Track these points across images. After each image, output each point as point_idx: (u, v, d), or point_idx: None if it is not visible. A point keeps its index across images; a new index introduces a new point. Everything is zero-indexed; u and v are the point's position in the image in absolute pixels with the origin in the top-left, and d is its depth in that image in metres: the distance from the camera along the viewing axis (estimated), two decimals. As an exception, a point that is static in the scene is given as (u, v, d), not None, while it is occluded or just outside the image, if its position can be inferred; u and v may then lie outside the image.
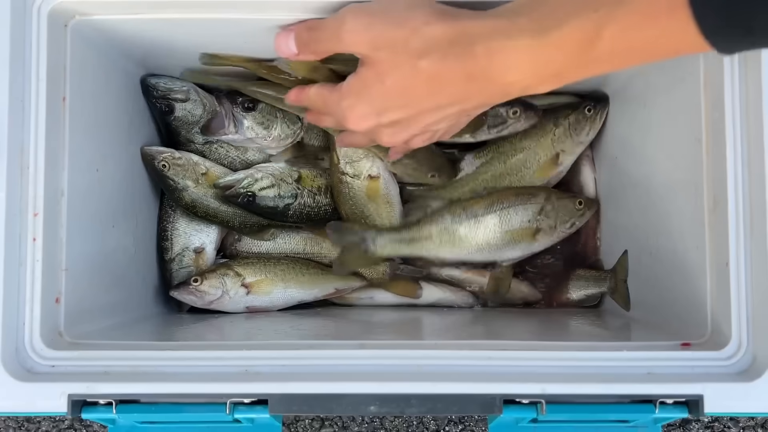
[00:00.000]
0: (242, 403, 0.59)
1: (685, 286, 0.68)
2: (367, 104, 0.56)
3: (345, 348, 0.61)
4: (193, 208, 0.87)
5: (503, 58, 0.49)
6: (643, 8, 0.44)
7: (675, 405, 0.59)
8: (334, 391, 0.58)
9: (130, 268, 0.81)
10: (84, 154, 0.69)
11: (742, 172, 0.61)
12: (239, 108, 0.83)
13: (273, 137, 0.85)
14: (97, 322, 0.71)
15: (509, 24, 0.48)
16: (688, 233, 0.68)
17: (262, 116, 0.84)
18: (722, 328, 0.62)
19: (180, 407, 0.59)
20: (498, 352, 0.60)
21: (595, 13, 0.45)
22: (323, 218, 0.89)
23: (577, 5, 0.46)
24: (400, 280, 0.90)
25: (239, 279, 0.84)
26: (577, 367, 0.60)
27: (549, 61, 0.48)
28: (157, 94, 0.85)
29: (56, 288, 0.64)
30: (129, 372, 0.60)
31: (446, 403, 0.58)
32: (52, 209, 0.63)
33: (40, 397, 0.58)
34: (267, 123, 0.84)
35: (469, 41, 0.49)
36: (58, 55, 0.64)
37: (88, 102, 0.70)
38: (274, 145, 0.86)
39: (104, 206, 0.75)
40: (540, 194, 0.85)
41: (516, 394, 0.58)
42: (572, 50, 0.47)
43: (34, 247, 0.61)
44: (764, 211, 0.59)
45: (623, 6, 0.44)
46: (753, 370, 0.59)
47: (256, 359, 0.60)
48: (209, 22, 0.66)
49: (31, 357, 0.60)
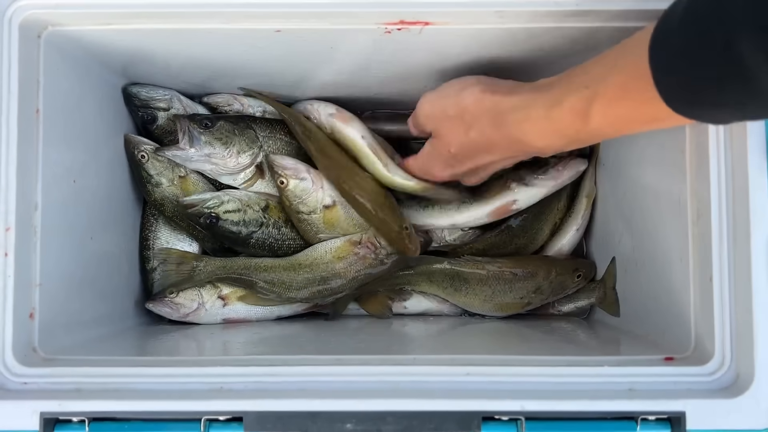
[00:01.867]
0: (217, 420, 0.58)
1: (670, 299, 0.67)
2: (443, 165, 0.75)
3: (321, 364, 0.60)
4: (161, 206, 0.85)
5: (525, 127, 0.61)
6: (620, 83, 0.51)
7: (657, 422, 0.58)
8: (310, 408, 0.57)
9: (110, 278, 0.81)
10: (60, 166, 0.68)
11: (726, 185, 0.60)
12: (196, 125, 0.81)
13: (231, 153, 0.82)
14: (76, 335, 0.70)
15: (532, 99, 0.60)
16: (673, 245, 0.67)
17: (221, 133, 0.82)
18: (705, 343, 0.61)
19: (154, 425, 0.58)
20: (476, 368, 0.59)
21: (586, 89, 0.54)
22: (286, 252, 0.85)
23: (577, 83, 0.55)
24: (372, 298, 0.88)
25: (216, 291, 0.83)
26: (558, 384, 0.59)
27: (556, 130, 0.59)
28: (138, 103, 0.84)
29: (30, 304, 0.63)
30: (102, 389, 0.59)
31: (423, 420, 0.57)
32: (25, 223, 0.62)
33: (11, 415, 0.57)
34: (226, 139, 0.82)
35: (503, 115, 0.63)
36: (31, 67, 0.63)
37: (64, 113, 0.69)
38: (232, 163, 0.83)
39: (82, 218, 0.74)
40: (540, 273, 0.84)
41: (495, 411, 0.57)
42: (572, 122, 0.56)
43: (5, 263, 0.60)
44: (747, 224, 0.58)
45: (605, 81, 0.52)
46: (736, 387, 0.58)
47: (231, 376, 0.59)
48: (184, 31, 0.66)
49: (2, 374, 0.59)
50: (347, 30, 0.65)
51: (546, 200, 0.87)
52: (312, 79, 0.81)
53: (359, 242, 0.82)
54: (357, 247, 0.82)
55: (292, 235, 0.86)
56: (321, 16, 0.62)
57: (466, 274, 0.84)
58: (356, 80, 0.81)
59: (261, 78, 0.82)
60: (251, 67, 0.77)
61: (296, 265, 0.83)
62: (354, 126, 0.83)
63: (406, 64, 0.75)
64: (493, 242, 0.89)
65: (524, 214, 0.88)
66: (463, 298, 0.85)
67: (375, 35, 0.66)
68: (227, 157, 0.82)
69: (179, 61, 0.77)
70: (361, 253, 0.82)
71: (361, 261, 0.82)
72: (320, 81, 0.82)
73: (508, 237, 0.88)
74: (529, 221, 0.88)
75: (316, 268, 0.82)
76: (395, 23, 0.64)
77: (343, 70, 0.78)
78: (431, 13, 0.62)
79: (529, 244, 0.89)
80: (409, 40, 0.67)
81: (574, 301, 0.88)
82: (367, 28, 0.64)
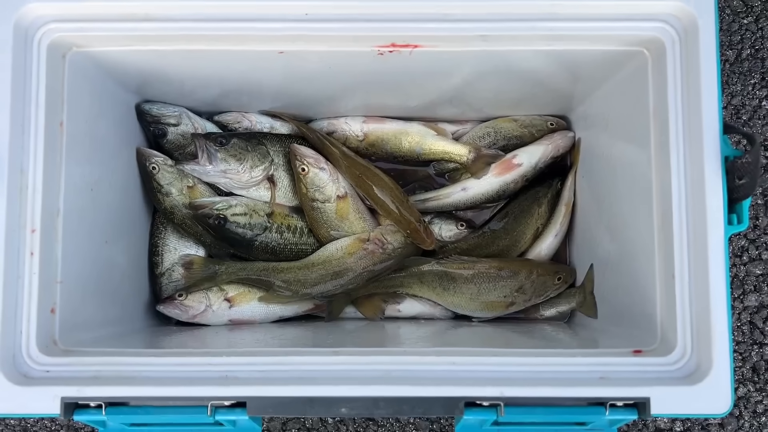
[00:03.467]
0: (222, 405, 0.63)
1: (639, 299, 0.73)
2: None
3: (319, 354, 0.65)
4: (171, 213, 0.91)
5: None
6: None
7: (625, 407, 0.63)
8: (308, 394, 0.62)
9: (122, 282, 0.86)
10: (80, 175, 0.74)
11: (685, 194, 0.66)
12: (213, 143, 0.88)
13: (245, 169, 0.88)
14: (91, 332, 0.75)
15: None
16: (641, 251, 0.73)
17: (235, 150, 0.88)
18: (669, 337, 0.66)
19: (165, 409, 0.64)
20: (460, 358, 0.64)
21: None
22: (287, 257, 0.92)
23: None
24: (368, 301, 0.94)
25: (222, 293, 0.89)
26: (534, 372, 0.64)
27: None
28: (150, 119, 0.90)
29: (52, 299, 0.69)
30: (118, 376, 0.64)
31: (412, 405, 0.62)
32: (49, 226, 0.68)
33: (35, 400, 0.62)
34: (240, 156, 0.88)
35: None
36: (56, 84, 0.70)
37: (84, 126, 0.75)
38: (246, 177, 0.89)
39: (98, 224, 0.79)
40: (522, 272, 0.90)
41: (477, 397, 0.62)
42: None
43: (31, 261, 0.66)
44: (704, 230, 0.64)
45: None
46: (696, 375, 0.64)
47: (235, 365, 0.65)
48: (195, 53, 0.72)
49: (27, 363, 0.65)
50: (344, 52, 0.71)
51: (526, 204, 0.95)
52: (315, 95, 0.89)
53: (367, 239, 0.89)
54: (365, 244, 0.89)
55: (294, 240, 0.92)
56: (321, 39, 0.69)
57: (453, 273, 0.90)
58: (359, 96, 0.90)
59: (267, 95, 0.89)
60: (257, 85, 0.84)
61: (310, 264, 0.89)
62: (391, 120, 0.96)
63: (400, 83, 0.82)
64: (476, 243, 0.95)
65: (506, 218, 0.95)
66: (452, 297, 0.90)
67: (369, 57, 0.72)
68: (241, 172, 0.89)
69: (190, 79, 0.83)
70: (369, 249, 0.89)
71: (369, 256, 0.89)
72: (325, 96, 0.89)
73: (490, 238, 0.95)
74: (510, 224, 0.95)
75: (329, 265, 0.89)
76: (387, 46, 0.70)
77: (347, 88, 0.85)
78: (420, 37, 0.69)
79: (512, 246, 0.95)
80: (400, 62, 0.74)
81: (556, 306, 0.94)
82: (362, 50, 0.71)
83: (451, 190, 0.96)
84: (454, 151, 0.95)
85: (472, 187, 0.95)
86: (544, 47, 0.70)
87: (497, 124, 0.97)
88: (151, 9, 0.68)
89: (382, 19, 0.67)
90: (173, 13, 0.68)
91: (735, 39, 1.11)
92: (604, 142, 0.84)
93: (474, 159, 0.95)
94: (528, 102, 0.93)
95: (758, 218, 1.08)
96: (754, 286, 1.07)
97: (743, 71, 1.10)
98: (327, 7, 0.66)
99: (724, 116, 1.09)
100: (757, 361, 1.06)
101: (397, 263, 0.91)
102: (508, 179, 0.95)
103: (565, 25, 0.67)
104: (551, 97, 0.90)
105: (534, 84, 0.84)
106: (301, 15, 0.67)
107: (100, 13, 0.68)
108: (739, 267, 1.08)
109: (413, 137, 0.95)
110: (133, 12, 0.68)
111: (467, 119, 0.99)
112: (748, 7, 1.11)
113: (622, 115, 0.78)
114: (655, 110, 0.70)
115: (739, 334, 1.06)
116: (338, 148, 0.92)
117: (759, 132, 1.09)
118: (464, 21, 0.67)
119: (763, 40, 1.11)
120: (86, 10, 0.68)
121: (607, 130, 0.83)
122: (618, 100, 0.79)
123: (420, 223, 0.90)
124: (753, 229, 1.08)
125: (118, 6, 0.68)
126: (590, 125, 0.90)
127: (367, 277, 0.90)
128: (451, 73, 0.79)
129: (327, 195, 0.90)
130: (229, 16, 0.68)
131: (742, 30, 1.11)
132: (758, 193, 1.08)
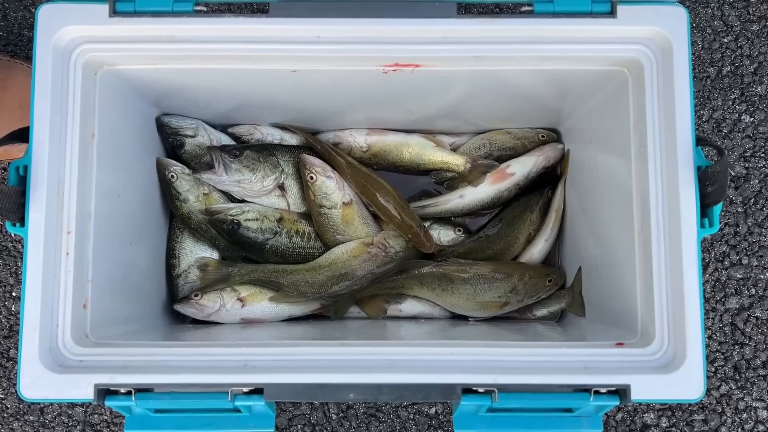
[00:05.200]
0: (241, 392, 0.69)
1: (622, 296, 0.79)
2: None
3: (328, 345, 0.72)
4: (188, 219, 0.98)
5: None
6: None
7: (608, 394, 0.69)
8: (319, 381, 0.69)
9: (143, 281, 0.92)
10: (107, 183, 0.81)
11: (662, 200, 0.73)
12: (227, 155, 0.94)
13: (258, 179, 0.95)
14: (116, 328, 0.81)
15: None
16: (624, 251, 0.79)
17: (248, 161, 0.95)
18: (648, 330, 0.73)
19: (188, 395, 0.70)
20: (458, 349, 0.71)
21: None
22: (295, 260, 0.98)
23: None
24: (371, 301, 1.00)
25: (235, 294, 0.95)
26: (525, 362, 0.70)
27: None
28: (169, 131, 0.97)
29: (84, 296, 0.75)
30: (145, 365, 0.70)
31: (413, 391, 0.68)
32: (82, 229, 0.75)
33: (71, 387, 0.69)
34: (253, 166, 0.95)
35: None
36: (89, 99, 0.76)
37: (111, 138, 0.82)
38: (258, 187, 0.96)
39: (123, 228, 0.86)
40: (515, 274, 0.96)
41: (473, 384, 0.69)
42: None
43: (67, 260, 0.72)
44: (679, 232, 0.70)
45: None
46: (672, 365, 0.70)
47: (253, 355, 0.71)
48: (213, 71, 0.79)
49: (62, 353, 0.71)
50: (352, 71, 0.78)
51: (519, 211, 1.02)
52: (324, 109, 0.96)
53: (371, 243, 0.96)
54: (369, 248, 0.96)
55: (302, 244, 0.98)
56: (331, 59, 0.76)
57: (451, 275, 0.96)
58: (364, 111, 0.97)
59: (278, 109, 0.96)
60: (269, 100, 0.91)
61: (317, 266, 0.96)
62: (393, 133, 1.03)
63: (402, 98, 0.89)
64: (472, 247, 1.01)
65: (500, 224, 1.02)
66: (450, 297, 0.97)
67: (374, 75, 0.79)
68: (254, 182, 0.96)
69: (207, 94, 0.90)
70: (373, 252, 0.95)
71: (373, 259, 0.96)
72: (332, 111, 0.96)
73: (486, 243, 1.01)
74: (504, 229, 1.02)
75: (335, 267, 0.95)
76: (391, 66, 0.77)
77: (353, 103, 0.92)
78: (421, 57, 0.76)
79: (505, 251, 1.02)
80: (403, 80, 0.81)
81: (547, 306, 1.00)
82: (369, 69, 0.78)
83: (449, 198, 1.02)
84: (452, 161, 1.02)
85: (469, 194, 1.02)
86: (533, 67, 0.77)
87: (492, 136, 1.04)
88: (176, 32, 0.75)
89: (388, 41, 0.74)
90: (196, 35, 0.75)
91: (716, 57, 1.18)
92: (590, 154, 0.91)
93: (470, 169, 1.02)
94: (520, 116, 1.00)
95: (738, 225, 1.15)
96: (735, 290, 1.13)
97: (724, 87, 1.17)
98: (338, 30, 0.73)
99: (707, 130, 1.16)
100: (738, 360, 1.12)
101: (399, 266, 0.97)
102: (502, 187, 1.02)
103: (553, 47, 0.74)
104: (541, 111, 0.97)
105: (525, 100, 0.91)
106: (314, 37, 0.74)
107: (129, 36, 0.75)
108: (721, 271, 1.14)
109: (414, 148, 1.02)
110: (159, 34, 0.75)
111: (464, 132, 1.06)
112: (728, 26, 1.18)
113: (606, 129, 0.85)
114: (635, 124, 0.76)
115: (722, 335, 1.13)
116: (344, 158, 0.98)
117: (739, 144, 1.16)
118: (460, 43, 0.74)
119: (743, 57, 1.18)
120: (117, 33, 0.74)
121: (593, 142, 0.90)
122: (602, 114, 0.86)
123: (420, 228, 0.97)
124: (734, 235, 1.15)
125: (146, 29, 0.74)
126: (577, 138, 0.98)
127: (371, 279, 0.96)
128: (449, 89, 0.86)
129: (333, 202, 0.96)
130: (247, 38, 0.75)
131: (722, 48, 1.18)
132: (738, 201, 1.15)
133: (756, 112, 1.16)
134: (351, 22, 0.73)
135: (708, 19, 1.18)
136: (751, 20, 1.18)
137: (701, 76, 1.17)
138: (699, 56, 1.17)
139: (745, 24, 1.18)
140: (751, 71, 1.17)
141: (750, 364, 1.12)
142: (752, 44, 1.17)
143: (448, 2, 0.73)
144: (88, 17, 0.73)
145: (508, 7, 1.15)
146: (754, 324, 1.12)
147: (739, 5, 1.18)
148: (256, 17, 0.73)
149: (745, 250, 1.14)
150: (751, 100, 1.16)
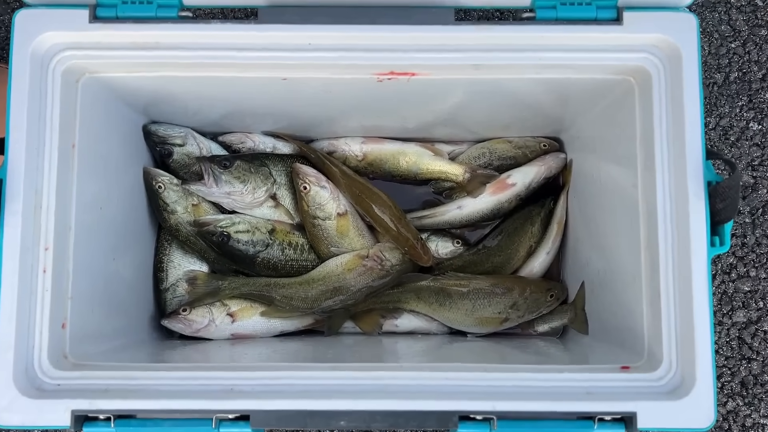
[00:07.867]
0: (227, 418, 0.66)
1: (627, 315, 0.76)
2: None
3: (319, 369, 0.68)
4: (176, 231, 0.94)
5: None
6: None
7: (613, 421, 0.66)
8: (309, 407, 0.65)
9: (129, 295, 0.89)
10: (89, 194, 0.77)
11: (671, 216, 0.69)
12: (217, 165, 0.91)
13: (249, 190, 0.92)
14: (99, 345, 0.78)
15: None
16: (629, 268, 0.76)
17: (239, 172, 0.92)
18: (655, 353, 0.69)
19: (171, 422, 0.66)
20: (454, 373, 0.67)
21: None
22: (288, 273, 0.94)
23: None
24: (366, 315, 0.96)
25: (225, 308, 0.92)
26: (525, 387, 0.67)
27: None
28: (157, 140, 0.94)
29: (63, 314, 0.71)
30: (126, 389, 0.67)
31: (407, 418, 0.65)
32: (61, 243, 0.71)
33: (47, 412, 0.65)
34: (244, 177, 0.92)
35: None
36: (70, 108, 0.73)
37: (94, 147, 0.78)
38: (249, 198, 0.93)
39: (107, 240, 0.82)
40: (516, 289, 0.93)
41: (470, 411, 0.65)
42: None
43: (44, 278, 0.69)
44: (688, 250, 0.67)
45: None
46: (681, 390, 0.67)
47: (239, 379, 0.67)
48: (202, 78, 0.76)
49: (39, 376, 0.68)
50: (346, 79, 0.75)
51: (520, 223, 0.98)
52: (316, 117, 0.92)
53: (366, 256, 0.92)
54: (365, 260, 0.92)
55: (295, 257, 0.95)
56: (323, 67, 0.72)
57: (449, 289, 0.92)
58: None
59: (270, 117, 0.93)
60: (260, 107, 0.87)
61: (310, 280, 0.92)
62: (389, 141, 0.99)
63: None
64: (471, 260, 0.98)
65: (500, 236, 0.98)
66: (447, 312, 0.93)
67: (369, 83, 0.76)
68: (245, 194, 0.92)
69: (196, 102, 0.87)
70: (368, 265, 0.92)
71: (368, 272, 0.92)
72: (326, 118, 0.93)
73: (485, 255, 0.98)
74: (504, 241, 0.98)
75: (329, 281, 0.92)
76: (386, 74, 0.74)
77: (347, 111, 0.89)
78: (417, 66, 0.72)
79: (505, 264, 0.98)
80: (398, 88, 0.77)
81: (549, 322, 0.97)
82: (363, 77, 0.74)
83: (447, 208, 0.99)
84: (450, 171, 0.99)
85: (468, 205, 0.98)
86: (534, 75, 0.74)
87: (492, 145, 1.01)
88: (161, 38, 0.71)
89: (382, 49, 0.70)
90: (181, 42, 0.71)
91: (723, 62, 1.14)
92: (593, 164, 0.88)
93: (470, 178, 0.98)
94: (520, 124, 0.96)
95: (746, 236, 1.11)
96: (743, 303, 1.10)
97: (731, 93, 1.14)
98: (330, 37, 0.70)
99: (713, 137, 1.12)
100: (745, 375, 1.09)
101: (395, 279, 0.94)
102: (503, 198, 0.98)
103: (555, 55, 0.70)
104: (543, 120, 0.94)
105: (525, 108, 0.87)
106: (305, 44, 0.70)
107: (112, 42, 0.71)
108: (728, 284, 1.11)
109: (410, 157, 0.99)
110: (144, 41, 0.71)
111: (463, 140, 1.03)
112: (736, 31, 1.15)
113: (611, 139, 0.81)
114: (641, 135, 0.73)
115: (728, 349, 1.09)
116: (338, 168, 0.95)
117: (747, 152, 1.13)
118: (458, 51, 0.70)
119: (750, 63, 1.14)
120: (100, 39, 0.71)
121: (596, 152, 0.87)
122: (606, 123, 0.82)
123: (417, 240, 0.93)
124: (741, 246, 1.11)
125: (131, 36, 0.71)
126: (580, 147, 0.94)
127: (366, 293, 0.93)
128: (446, 98, 0.83)
129: (327, 212, 0.93)
130: (236, 45, 0.71)
131: (729, 54, 1.15)
132: (746, 212, 1.11)
133: (764, 120, 1.13)
134: (343, 28, 0.69)
135: (715, 23, 1.15)
136: (759, 25, 1.14)
137: (708, 82, 1.14)
138: (706, 62, 1.14)
139: (753, 29, 1.14)
140: (760, 77, 1.13)
141: (758, 379, 1.08)
142: (761, 50, 1.14)
143: (445, 8, 0.69)
144: (68, 23, 0.70)
145: (509, 12, 1.12)
146: (761, 338, 1.09)
147: (747, 9, 1.14)
148: (244, 23, 0.70)
149: (753, 262, 1.11)
150: (760, 107, 1.13)
